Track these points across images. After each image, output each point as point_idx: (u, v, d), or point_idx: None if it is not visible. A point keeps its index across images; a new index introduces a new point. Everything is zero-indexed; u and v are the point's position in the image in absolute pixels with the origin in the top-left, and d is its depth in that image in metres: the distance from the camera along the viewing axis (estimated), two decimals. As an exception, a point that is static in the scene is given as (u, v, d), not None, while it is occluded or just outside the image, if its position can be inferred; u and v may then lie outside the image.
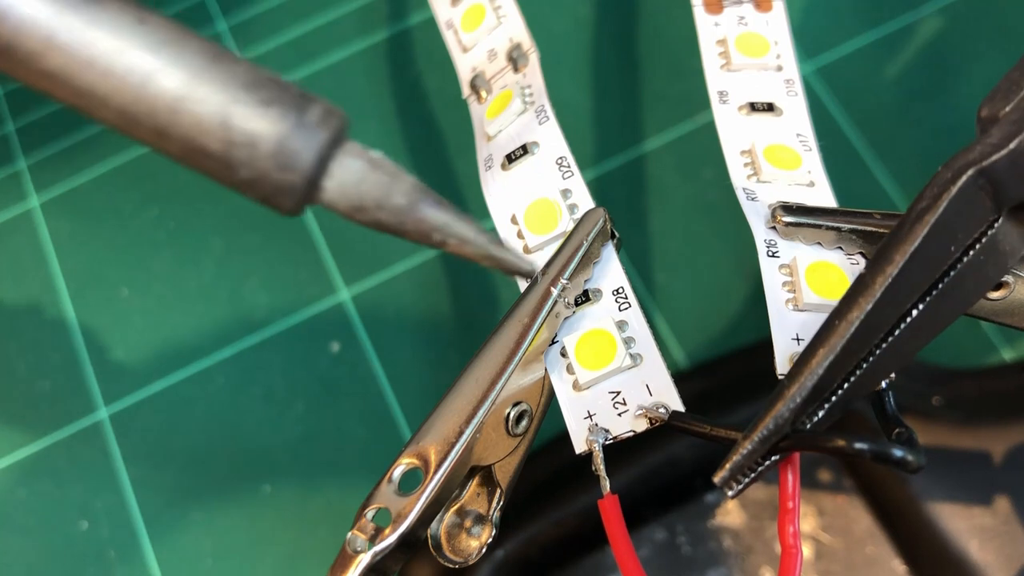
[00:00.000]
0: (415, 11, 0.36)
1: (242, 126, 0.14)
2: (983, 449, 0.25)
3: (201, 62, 0.14)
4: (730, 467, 0.17)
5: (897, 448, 0.16)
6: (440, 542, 0.20)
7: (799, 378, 0.17)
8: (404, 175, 0.15)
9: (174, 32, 0.14)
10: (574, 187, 0.23)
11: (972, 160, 0.17)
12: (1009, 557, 0.24)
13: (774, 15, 0.25)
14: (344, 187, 0.14)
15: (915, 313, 0.17)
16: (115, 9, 0.13)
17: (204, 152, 0.14)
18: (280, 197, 0.14)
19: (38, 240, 0.34)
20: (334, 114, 0.14)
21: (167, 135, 0.14)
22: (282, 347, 0.31)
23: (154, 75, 0.13)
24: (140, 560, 0.29)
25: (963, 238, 0.17)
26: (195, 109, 0.14)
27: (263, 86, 0.14)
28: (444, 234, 0.15)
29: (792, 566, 0.17)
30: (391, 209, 0.15)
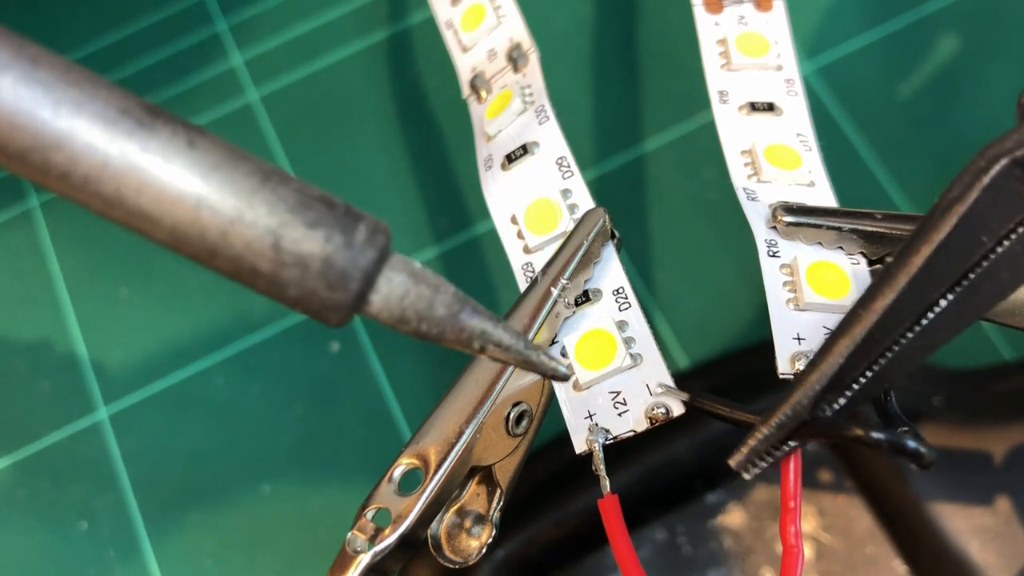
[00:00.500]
0: (415, 11, 0.36)
1: (291, 248, 0.14)
2: (984, 449, 0.25)
3: (251, 185, 0.14)
4: (747, 451, 0.17)
5: (912, 440, 0.16)
6: (440, 542, 0.20)
7: (820, 365, 0.17)
8: (445, 285, 0.16)
9: (224, 155, 0.14)
10: (574, 187, 0.23)
11: (1007, 149, 0.16)
12: (1010, 557, 0.24)
13: (774, 14, 0.25)
14: (389, 301, 0.15)
15: (943, 304, 0.17)
16: (167, 134, 0.14)
17: (254, 272, 0.14)
18: (328, 313, 0.15)
19: (38, 240, 0.34)
20: (380, 230, 0.15)
21: (218, 255, 0.14)
22: (282, 347, 0.31)
23: (205, 200, 0.14)
24: (140, 560, 0.29)
25: (997, 228, 0.16)
26: (245, 232, 0.14)
27: (311, 206, 0.14)
28: (483, 341, 0.16)
29: (793, 566, 0.17)
30: (433, 320, 0.15)
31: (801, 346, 0.20)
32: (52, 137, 0.13)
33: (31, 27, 0.37)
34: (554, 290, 0.20)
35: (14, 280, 0.33)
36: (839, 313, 0.20)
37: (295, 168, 0.34)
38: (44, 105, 0.13)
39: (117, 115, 0.14)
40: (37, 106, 0.13)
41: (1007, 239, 0.17)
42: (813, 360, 0.17)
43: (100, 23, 0.37)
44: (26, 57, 0.13)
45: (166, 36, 0.36)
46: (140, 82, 0.36)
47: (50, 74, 0.13)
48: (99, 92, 0.14)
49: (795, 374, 0.19)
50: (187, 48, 0.36)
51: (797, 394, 0.17)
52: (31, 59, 0.13)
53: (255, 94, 0.35)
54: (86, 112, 0.13)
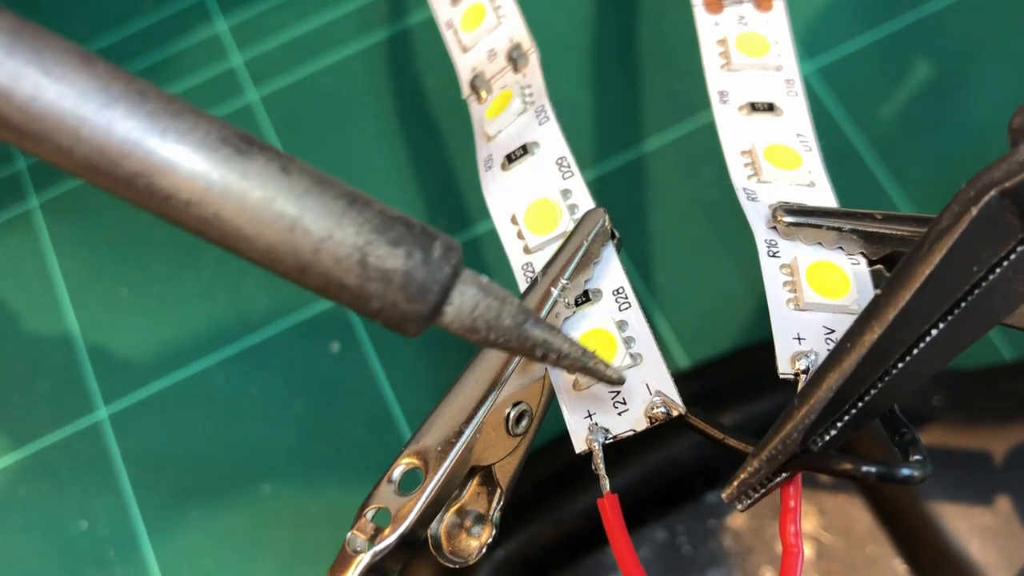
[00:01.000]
0: (415, 11, 0.36)
1: (376, 264, 0.15)
2: (984, 449, 0.25)
3: (339, 207, 0.15)
4: (738, 485, 0.17)
5: (903, 468, 0.16)
6: (440, 542, 0.20)
7: (810, 400, 0.17)
8: (511, 297, 0.17)
9: (313, 179, 0.15)
10: (574, 187, 0.23)
11: (996, 179, 0.16)
12: (1010, 557, 0.24)
13: (774, 14, 0.25)
14: (461, 312, 0.16)
15: (934, 333, 0.17)
16: (262, 161, 0.15)
17: (342, 286, 0.15)
18: (406, 324, 0.16)
19: (38, 240, 0.34)
20: (453, 248, 0.16)
21: (308, 272, 0.15)
22: (282, 347, 0.31)
23: (298, 221, 0.15)
24: (140, 560, 0.29)
25: (987, 258, 0.16)
26: (334, 250, 0.15)
27: (392, 227, 0.16)
28: (545, 349, 0.17)
29: (793, 565, 0.17)
30: (500, 330, 0.17)
31: (801, 346, 0.20)
32: (158, 164, 0.14)
33: (31, 27, 0.37)
34: (554, 290, 0.20)
35: (14, 280, 0.33)
36: (839, 313, 0.20)
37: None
38: (152, 134, 0.14)
39: (217, 143, 0.15)
40: (145, 135, 0.14)
41: (998, 267, 0.17)
42: (802, 393, 0.17)
43: (100, 23, 0.37)
44: (135, 91, 0.14)
45: (166, 36, 0.36)
46: (140, 82, 0.36)
47: (156, 106, 0.14)
48: (200, 122, 0.15)
49: (795, 374, 0.19)
50: (187, 48, 0.36)
51: (787, 428, 0.17)
52: (139, 92, 0.14)
53: (255, 94, 0.35)
54: (189, 141, 0.14)
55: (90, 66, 0.14)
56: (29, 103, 0.14)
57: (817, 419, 0.17)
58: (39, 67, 0.14)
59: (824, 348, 0.19)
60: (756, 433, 0.18)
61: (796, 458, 0.17)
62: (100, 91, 0.14)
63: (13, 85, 0.14)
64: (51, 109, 0.14)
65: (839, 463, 0.16)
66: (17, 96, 0.14)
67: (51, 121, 0.14)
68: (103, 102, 0.14)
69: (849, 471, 0.16)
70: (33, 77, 0.14)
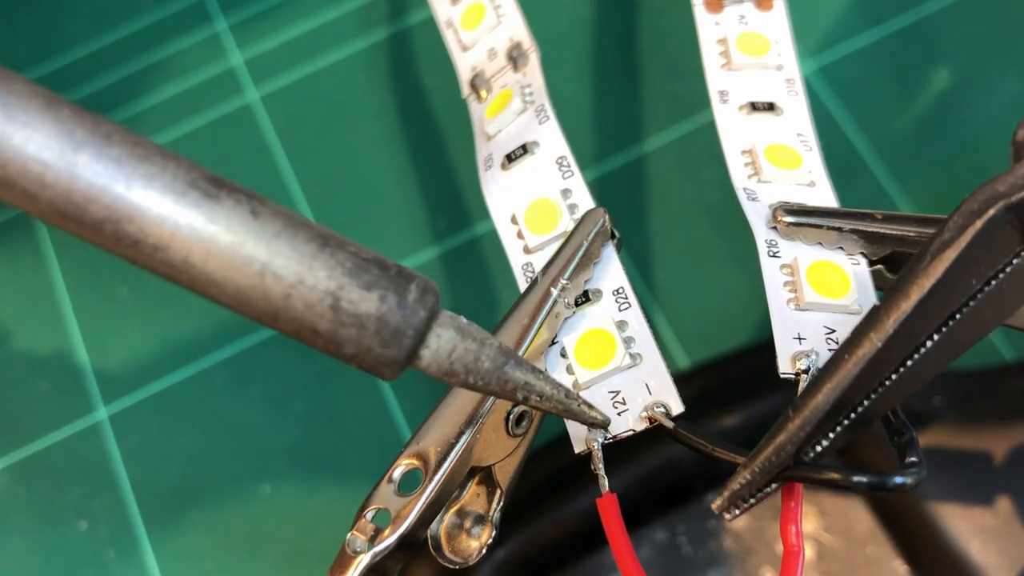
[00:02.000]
0: (414, 10, 0.36)
1: (349, 309, 0.15)
2: (984, 449, 0.25)
3: (311, 250, 0.15)
4: (729, 495, 0.17)
5: (895, 476, 0.16)
6: (440, 542, 0.20)
7: (804, 411, 0.17)
8: (490, 339, 0.17)
9: (284, 222, 0.15)
10: (574, 187, 0.23)
11: (1001, 193, 0.16)
12: (1011, 558, 0.24)
13: (775, 14, 0.25)
14: (438, 356, 0.16)
15: (929, 344, 0.17)
16: (231, 204, 0.15)
17: (314, 331, 0.15)
18: (381, 368, 0.16)
19: (38, 240, 0.34)
20: (429, 290, 0.16)
21: (280, 317, 0.15)
22: (282, 347, 0.31)
23: (268, 266, 0.15)
24: (139, 560, 0.29)
25: (986, 270, 0.16)
26: (306, 295, 0.15)
27: (366, 269, 0.15)
28: (526, 392, 0.17)
29: (794, 566, 0.17)
30: (479, 373, 0.16)
31: (802, 346, 0.19)
32: (124, 209, 0.14)
33: (31, 27, 0.37)
34: (554, 290, 0.20)
35: (14, 280, 0.33)
36: (839, 313, 0.20)
37: (295, 168, 0.34)
38: (117, 180, 0.14)
39: (185, 187, 0.14)
40: (111, 181, 0.14)
41: (994, 279, 0.17)
42: (797, 404, 0.17)
43: (100, 23, 0.37)
44: (100, 135, 0.14)
45: (166, 36, 0.36)
46: (140, 82, 0.36)
47: (122, 150, 0.14)
48: (167, 165, 0.14)
49: (796, 374, 0.19)
50: (187, 48, 0.36)
51: (781, 439, 0.17)
52: (105, 136, 0.14)
53: (255, 94, 0.35)
54: (156, 185, 0.14)
55: (55, 110, 0.14)
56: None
57: (812, 430, 0.16)
58: (3, 113, 0.14)
59: (824, 348, 0.19)
60: (756, 433, 0.18)
61: (788, 469, 0.17)
62: (65, 136, 0.14)
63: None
64: (15, 155, 0.14)
65: (831, 474, 0.16)
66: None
67: (15, 167, 0.14)
68: (68, 147, 0.14)
69: (841, 482, 0.16)
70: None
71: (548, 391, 0.17)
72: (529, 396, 0.17)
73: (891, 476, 0.16)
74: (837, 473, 0.16)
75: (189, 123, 0.35)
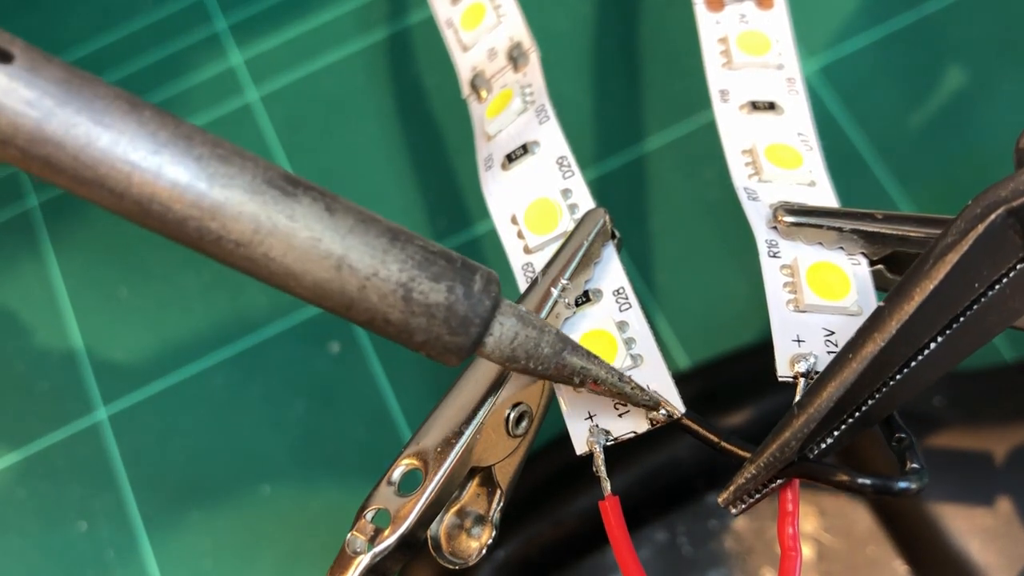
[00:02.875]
0: (414, 10, 0.36)
1: (420, 299, 0.16)
2: (984, 449, 0.25)
3: (383, 244, 0.16)
4: (734, 489, 0.18)
5: (900, 480, 0.16)
6: (440, 543, 0.20)
7: (808, 409, 0.17)
8: (548, 327, 0.17)
9: (357, 218, 0.16)
10: (574, 187, 0.23)
11: (1004, 198, 0.16)
12: (1011, 558, 0.24)
13: (775, 13, 0.25)
14: (501, 343, 0.17)
15: (932, 347, 0.17)
16: (308, 201, 0.15)
17: (387, 320, 0.16)
18: (448, 355, 0.16)
19: (37, 240, 0.34)
20: (492, 280, 0.17)
21: (354, 307, 0.16)
22: (282, 347, 0.31)
23: (344, 259, 0.15)
24: (139, 560, 0.29)
25: (989, 275, 0.17)
26: (379, 287, 0.16)
27: (434, 262, 0.16)
28: (583, 376, 0.18)
29: (792, 568, 0.17)
30: (539, 359, 0.17)
31: (801, 348, 0.19)
32: (208, 208, 0.15)
33: (31, 27, 0.37)
34: (554, 290, 0.20)
35: (14, 281, 0.33)
36: (839, 315, 0.20)
37: (295, 168, 0.34)
38: (200, 179, 0.15)
39: (264, 186, 0.15)
40: (194, 180, 0.15)
41: (997, 284, 0.17)
42: (801, 402, 0.17)
43: (100, 22, 0.37)
44: (182, 136, 0.15)
45: (165, 35, 0.36)
46: (140, 82, 0.36)
47: (203, 150, 0.15)
48: (247, 165, 0.15)
49: (794, 377, 0.19)
50: (187, 47, 0.36)
51: (786, 435, 0.17)
52: (186, 137, 0.15)
53: (255, 94, 0.35)
54: (237, 184, 0.15)
55: (138, 112, 0.15)
56: (81, 151, 0.14)
57: (816, 428, 0.17)
58: (90, 116, 0.14)
59: (823, 350, 0.19)
60: (756, 434, 0.18)
61: (793, 465, 0.17)
62: (148, 137, 0.14)
63: (66, 134, 0.14)
64: (103, 157, 0.14)
65: (836, 474, 0.17)
66: (70, 145, 0.14)
67: (103, 168, 0.14)
68: (152, 148, 0.14)
69: (846, 483, 0.16)
70: (85, 126, 0.14)
71: (603, 375, 0.18)
72: (586, 380, 0.18)
73: (896, 480, 0.16)
74: (843, 474, 0.16)
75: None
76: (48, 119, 0.14)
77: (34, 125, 0.14)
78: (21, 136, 0.14)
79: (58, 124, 0.14)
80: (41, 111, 0.14)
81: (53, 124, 0.14)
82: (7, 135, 0.14)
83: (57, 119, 0.14)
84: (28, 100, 0.14)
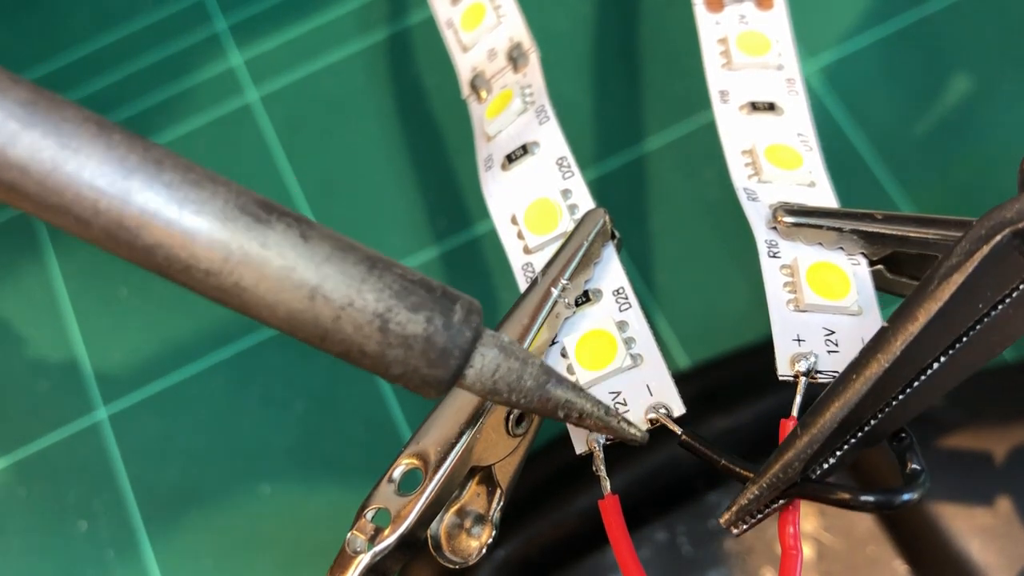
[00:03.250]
0: (414, 10, 0.36)
1: (397, 330, 0.15)
2: (984, 449, 0.25)
3: (359, 273, 0.15)
4: (737, 510, 0.17)
5: (902, 493, 0.16)
6: (440, 542, 0.20)
7: (812, 429, 0.17)
8: (532, 358, 0.17)
9: (333, 246, 0.15)
10: (574, 187, 0.23)
11: (1008, 220, 0.17)
12: (1011, 558, 0.24)
13: (775, 13, 0.25)
14: (482, 375, 0.16)
15: (935, 367, 0.17)
16: (282, 229, 0.15)
17: (362, 352, 0.15)
18: (427, 388, 0.16)
19: (38, 240, 0.34)
20: (474, 310, 0.16)
21: (329, 338, 0.15)
22: (282, 347, 0.31)
23: (319, 289, 0.15)
24: (139, 560, 0.29)
25: (993, 295, 0.17)
26: (355, 317, 0.15)
27: (413, 291, 0.15)
28: (567, 409, 0.17)
29: (792, 567, 0.17)
30: (522, 392, 0.17)
31: (801, 347, 0.19)
32: (177, 235, 0.14)
33: (31, 27, 0.37)
34: (554, 290, 0.20)
35: (14, 281, 0.33)
36: (839, 314, 0.20)
37: (295, 168, 0.34)
38: (169, 206, 0.14)
39: (236, 212, 0.14)
40: (163, 207, 0.14)
41: (1001, 304, 0.17)
42: (805, 422, 0.17)
43: (100, 23, 0.37)
44: (152, 161, 0.14)
45: (166, 36, 0.36)
46: (140, 82, 0.36)
47: (174, 176, 0.14)
48: (219, 191, 0.15)
49: (794, 376, 0.19)
50: (187, 48, 0.36)
51: (789, 456, 0.17)
52: (156, 162, 0.14)
53: (255, 94, 0.35)
54: (207, 211, 0.14)
55: (107, 136, 0.14)
56: (46, 177, 0.14)
57: (819, 448, 0.17)
58: (56, 140, 0.14)
59: (823, 349, 0.19)
60: (756, 434, 0.18)
61: (795, 486, 0.17)
62: (117, 163, 0.14)
63: (31, 158, 0.14)
64: (69, 183, 0.14)
65: (838, 494, 0.17)
66: (35, 170, 0.14)
67: (69, 195, 0.14)
68: (120, 174, 0.14)
69: (848, 502, 0.16)
70: (51, 150, 0.14)
71: (588, 409, 0.18)
72: (570, 414, 0.17)
73: (897, 494, 0.16)
74: (845, 493, 0.17)
75: (189, 123, 0.35)
76: (12, 143, 0.13)
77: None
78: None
79: (23, 148, 0.13)
80: (5, 135, 0.13)
81: (18, 148, 0.13)
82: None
83: (22, 143, 0.13)
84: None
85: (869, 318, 0.20)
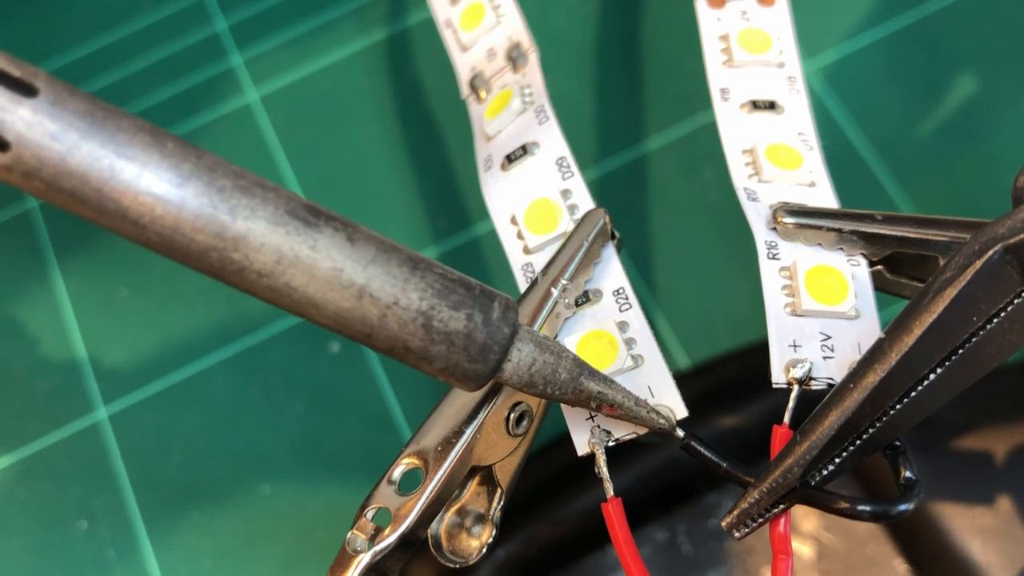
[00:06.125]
0: (414, 10, 0.36)
1: (440, 327, 0.16)
2: (984, 449, 0.25)
3: (403, 273, 0.16)
4: (738, 514, 0.18)
5: (899, 504, 0.17)
6: (440, 542, 0.20)
7: (811, 436, 0.17)
8: (566, 352, 0.18)
9: (378, 247, 0.16)
10: (574, 187, 0.23)
11: (1001, 235, 0.17)
12: (1011, 557, 0.24)
13: (776, 10, 0.25)
14: (519, 369, 0.17)
15: (932, 377, 0.17)
16: (330, 232, 0.15)
17: (407, 348, 0.16)
18: (467, 381, 0.17)
19: (37, 240, 0.34)
20: (511, 307, 0.17)
21: (375, 335, 0.16)
22: (282, 347, 0.31)
23: (366, 289, 0.16)
24: (139, 560, 0.29)
25: (987, 308, 0.17)
26: (400, 315, 0.16)
27: (454, 290, 0.16)
28: (599, 400, 0.18)
29: (785, 571, 0.17)
30: (556, 384, 0.17)
31: (797, 353, 0.19)
32: (230, 239, 0.15)
33: (31, 27, 0.37)
34: (554, 291, 0.20)
35: (15, 281, 0.33)
36: (837, 319, 0.20)
37: (295, 168, 0.34)
38: (223, 210, 0.15)
39: (287, 217, 0.15)
40: (216, 211, 0.15)
41: (995, 318, 0.17)
42: (804, 429, 0.18)
43: (99, 23, 0.37)
44: (205, 167, 0.15)
45: (165, 36, 0.36)
46: (140, 82, 0.36)
47: (226, 182, 0.15)
48: (269, 196, 0.15)
49: (788, 383, 0.19)
50: (187, 48, 0.36)
51: (788, 462, 0.17)
52: (209, 169, 0.15)
53: (255, 94, 0.35)
54: (259, 216, 0.15)
55: (161, 144, 0.15)
56: (105, 184, 0.14)
57: (818, 455, 0.17)
58: (114, 149, 0.14)
59: (819, 356, 0.19)
60: (756, 434, 0.18)
61: (795, 491, 0.17)
62: (172, 169, 0.14)
63: (90, 167, 0.14)
64: (126, 189, 0.14)
65: (836, 501, 0.17)
66: (94, 178, 0.14)
67: (127, 200, 0.14)
68: (175, 181, 0.14)
69: (846, 510, 0.17)
70: (109, 159, 0.14)
71: (619, 399, 0.18)
72: (602, 404, 0.18)
73: (894, 504, 0.17)
74: (843, 501, 0.17)
75: (189, 123, 0.35)
76: (73, 153, 0.14)
77: (59, 159, 0.14)
78: (46, 170, 0.14)
79: (83, 157, 0.14)
80: (66, 144, 0.14)
81: (78, 157, 0.14)
82: (32, 168, 0.14)
83: (82, 152, 0.14)
84: (53, 134, 0.14)
85: (867, 322, 0.20)
